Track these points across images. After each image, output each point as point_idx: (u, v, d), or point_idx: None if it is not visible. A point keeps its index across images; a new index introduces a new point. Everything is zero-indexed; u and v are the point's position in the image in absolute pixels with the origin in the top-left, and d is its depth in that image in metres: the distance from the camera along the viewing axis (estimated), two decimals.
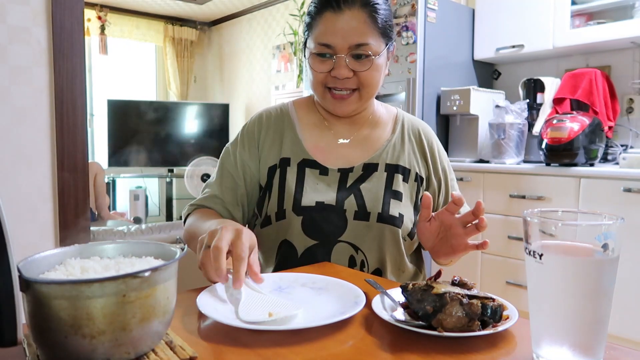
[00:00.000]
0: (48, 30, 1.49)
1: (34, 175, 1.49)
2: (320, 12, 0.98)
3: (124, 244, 0.62)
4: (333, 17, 0.96)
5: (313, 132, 1.09)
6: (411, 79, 2.74)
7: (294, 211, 1.01)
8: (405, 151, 1.09)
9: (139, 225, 2.09)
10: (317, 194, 1.03)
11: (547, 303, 0.52)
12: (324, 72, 1.00)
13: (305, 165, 1.05)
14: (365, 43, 0.97)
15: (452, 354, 0.55)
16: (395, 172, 1.06)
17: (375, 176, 1.05)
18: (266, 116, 1.12)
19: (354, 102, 1.03)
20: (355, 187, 1.03)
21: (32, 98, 1.48)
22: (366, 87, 1.01)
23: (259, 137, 1.10)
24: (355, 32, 0.96)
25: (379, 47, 0.99)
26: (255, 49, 5.34)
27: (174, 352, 0.54)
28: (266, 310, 0.65)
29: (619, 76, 2.65)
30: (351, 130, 1.10)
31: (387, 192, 1.03)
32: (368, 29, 0.97)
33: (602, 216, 0.52)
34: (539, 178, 2.39)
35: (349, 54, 0.97)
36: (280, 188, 1.04)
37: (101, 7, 5.13)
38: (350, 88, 1.01)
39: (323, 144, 1.08)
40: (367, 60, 0.98)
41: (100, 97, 5.12)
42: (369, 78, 1.00)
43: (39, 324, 0.48)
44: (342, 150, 1.08)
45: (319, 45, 0.98)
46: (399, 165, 1.07)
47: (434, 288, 0.61)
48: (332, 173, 1.05)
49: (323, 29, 0.98)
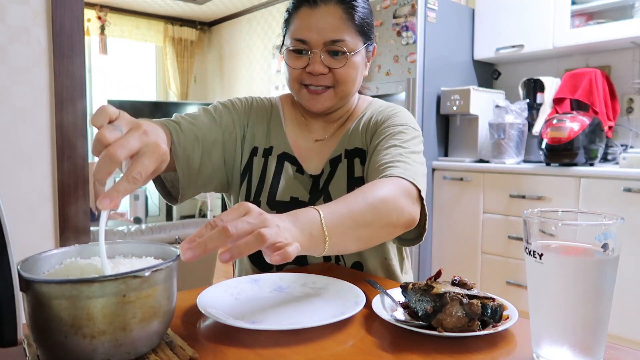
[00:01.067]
0: (48, 30, 1.49)
1: (34, 175, 1.49)
2: (296, 8, 0.98)
3: (124, 244, 0.62)
4: (309, 13, 0.96)
5: (294, 129, 1.09)
6: (411, 79, 2.74)
7: (268, 204, 1.00)
8: (359, 132, 1.05)
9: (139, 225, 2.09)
10: (292, 189, 1.02)
11: (547, 303, 0.52)
12: (299, 68, 0.99)
13: (285, 158, 1.05)
14: (341, 39, 0.96)
15: (452, 354, 0.55)
16: (354, 157, 1.03)
17: (339, 169, 1.03)
18: (257, 101, 1.12)
19: (329, 99, 1.01)
20: (325, 188, 1.02)
21: (32, 98, 1.48)
22: (341, 84, 0.99)
23: (249, 112, 1.08)
24: (330, 28, 0.95)
25: (356, 45, 0.98)
26: (255, 49, 5.35)
27: (174, 352, 0.54)
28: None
29: (619, 76, 2.65)
30: (327, 129, 1.09)
31: (350, 182, 1.01)
32: (344, 25, 0.96)
33: (602, 216, 0.52)
34: (539, 178, 2.39)
35: (324, 50, 0.96)
36: (261, 178, 1.03)
37: (101, 7, 5.13)
38: (325, 85, 0.99)
39: (301, 142, 1.08)
40: (342, 57, 0.97)
41: (100, 97, 5.12)
42: (344, 75, 0.98)
43: (39, 324, 0.48)
44: (316, 149, 1.07)
45: (294, 41, 0.98)
46: (356, 148, 1.04)
47: (434, 288, 0.61)
48: (306, 175, 1.04)
49: (299, 25, 0.97)
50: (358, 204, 0.76)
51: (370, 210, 0.76)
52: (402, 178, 0.85)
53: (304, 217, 0.67)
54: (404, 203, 0.81)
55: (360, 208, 0.75)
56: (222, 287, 0.75)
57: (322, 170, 1.04)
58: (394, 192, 0.81)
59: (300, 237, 0.64)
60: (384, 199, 0.78)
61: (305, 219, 0.67)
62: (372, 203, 0.77)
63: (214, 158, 1.00)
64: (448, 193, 2.77)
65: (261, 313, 0.67)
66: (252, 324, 0.61)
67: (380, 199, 0.78)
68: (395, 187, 0.82)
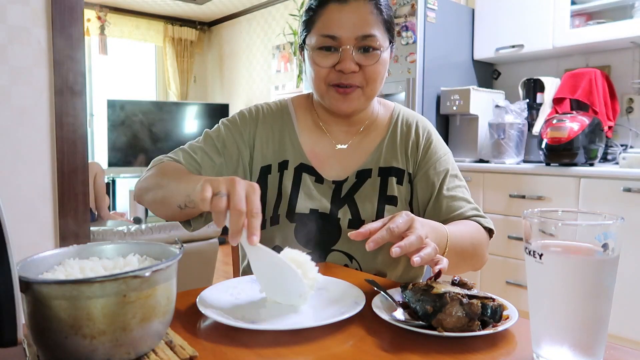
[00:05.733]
0: (48, 31, 1.49)
1: (34, 175, 1.49)
2: (323, 5, 0.95)
3: (124, 244, 0.62)
4: (338, 8, 0.93)
5: (311, 135, 1.05)
6: (411, 79, 2.74)
7: (287, 217, 0.98)
8: (398, 151, 1.04)
9: (139, 225, 2.09)
10: (311, 201, 1.00)
11: (547, 303, 0.52)
12: (327, 66, 0.94)
13: (302, 170, 1.02)
14: (373, 34, 0.93)
15: (452, 354, 0.55)
16: (388, 176, 1.02)
17: (368, 183, 1.01)
18: (264, 111, 1.07)
19: (357, 99, 0.97)
20: (349, 196, 1.00)
21: (32, 98, 1.48)
22: (371, 84, 0.96)
23: (256, 128, 1.05)
24: (362, 23, 0.92)
25: (385, 42, 0.96)
26: (255, 49, 5.34)
27: (174, 352, 0.54)
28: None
29: (618, 76, 2.65)
30: (348, 134, 1.06)
31: (382, 199, 1.00)
32: (375, 21, 0.93)
33: (602, 216, 0.52)
34: (539, 178, 2.39)
35: (355, 46, 0.93)
36: (278, 192, 1.01)
37: (101, 7, 5.12)
38: (354, 84, 0.95)
39: (319, 149, 1.04)
40: (374, 53, 0.94)
41: (100, 97, 5.12)
42: (375, 73, 0.95)
43: (38, 325, 0.48)
44: (339, 156, 1.04)
45: (322, 38, 0.93)
46: (392, 167, 1.02)
47: (434, 288, 0.61)
48: (326, 183, 1.01)
49: (327, 21, 0.93)
50: (467, 239, 0.92)
51: (471, 249, 0.92)
52: (487, 228, 1.00)
53: (439, 232, 0.82)
54: (485, 252, 0.98)
55: (470, 243, 0.92)
56: (222, 287, 0.75)
57: (347, 178, 1.02)
58: (484, 242, 0.97)
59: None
60: (480, 243, 0.95)
61: (439, 234, 0.82)
62: (474, 244, 0.93)
63: None
64: None
65: (261, 313, 0.67)
66: (252, 324, 0.61)
67: (479, 242, 0.95)
68: (484, 237, 0.98)
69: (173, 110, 5.09)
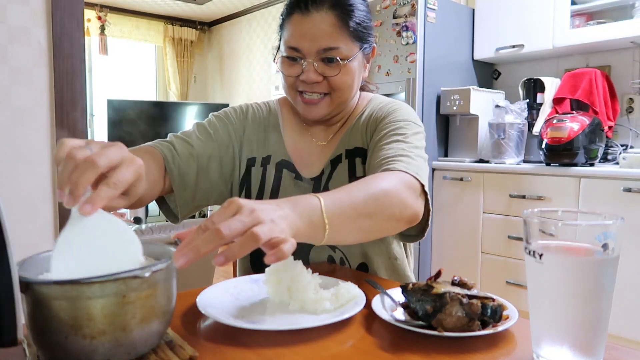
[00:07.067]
0: (48, 31, 1.49)
1: (34, 175, 1.49)
2: (289, 14, 0.95)
3: None
4: (301, 20, 0.93)
5: (294, 133, 1.07)
6: (411, 79, 2.74)
7: None
8: (359, 130, 1.03)
9: (139, 225, 2.09)
10: (292, 196, 1.00)
11: (547, 303, 0.52)
12: (293, 76, 0.96)
13: (283, 166, 1.04)
14: (334, 47, 0.92)
15: (452, 354, 0.55)
16: (355, 157, 1.01)
17: (340, 168, 1.01)
18: (253, 108, 1.10)
19: (325, 107, 0.98)
20: (326, 188, 1.00)
21: (32, 98, 1.48)
22: (337, 91, 0.96)
23: (244, 122, 1.07)
24: (323, 36, 0.91)
25: (350, 51, 0.94)
26: (255, 49, 5.34)
27: (174, 352, 0.54)
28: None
29: (619, 76, 2.65)
30: (328, 131, 1.07)
31: (351, 181, 0.99)
32: (337, 33, 0.92)
33: (602, 216, 0.52)
34: (539, 178, 2.39)
35: (317, 58, 0.93)
36: (260, 188, 1.03)
37: (101, 7, 5.13)
38: (320, 92, 0.96)
39: (302, 146, 1.06)
40: (336, 64, 0.93)
41: (100, 97, 5.12)
42: (340, 82, 0.95)
43: (38, 325, 0.48)
44: (318, 152, 1.05)
45: (288, 49, 0.95)
46: (357, 147, 1.01)
47: (434, 288, 0.61)
48: (305, 180, 1.03)
49: (292, 32, 0.94)
50: (360, 193, 0.73)
51: (372, 202, 0.73)
52: (406, 172, 0.83)
53: (303, 203, 0.65)
54: (407, 197, 0.79)
55: (363, 198, 0.73)
56: (222, 287, 0.75)
57: (322, 171, 1.03)
58: (397, 185, 0.79)
59: (299, 222, 0.62)
60: (387, 191, 0.76)
61: (305, 205, 0.65)
62: (375, 194, 0.74)
63: (210, 173, 1.01)
64: (448, 193, 2.77)
65: (261, 313, 0.67)
66: (252, 324, 0.61)
67: (384, 191, 0.76)
68: (399, 180, 0.80)
69: (173, 110, 5.09)
